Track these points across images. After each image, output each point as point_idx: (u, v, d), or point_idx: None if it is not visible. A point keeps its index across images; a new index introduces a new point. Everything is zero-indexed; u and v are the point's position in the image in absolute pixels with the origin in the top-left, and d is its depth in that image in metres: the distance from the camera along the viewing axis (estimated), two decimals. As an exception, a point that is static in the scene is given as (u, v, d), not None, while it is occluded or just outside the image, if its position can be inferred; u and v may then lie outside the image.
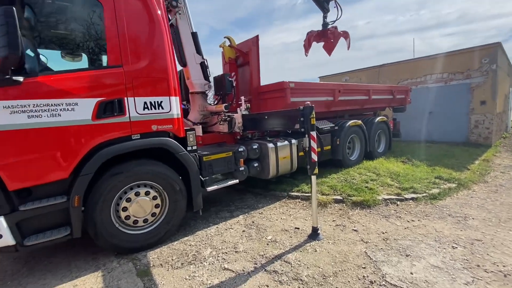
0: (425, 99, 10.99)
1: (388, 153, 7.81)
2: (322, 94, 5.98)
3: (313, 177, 3.31)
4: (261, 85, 5.54)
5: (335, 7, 6.79)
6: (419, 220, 3.80)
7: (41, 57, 3.00)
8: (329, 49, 7.25)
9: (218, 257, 3.05)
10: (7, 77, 2.36)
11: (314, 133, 3.26)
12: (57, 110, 2.63)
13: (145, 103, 3.14)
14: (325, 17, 6.98)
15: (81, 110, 2.75)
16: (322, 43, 7.27)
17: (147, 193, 3.22)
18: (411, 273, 2.59)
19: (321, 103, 5.89)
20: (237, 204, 4.77)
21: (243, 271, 2.76)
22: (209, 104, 5.21)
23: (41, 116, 2.56)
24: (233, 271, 2.77)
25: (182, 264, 2.95)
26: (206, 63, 4.85)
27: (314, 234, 3.39)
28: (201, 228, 3.83)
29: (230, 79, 4.93)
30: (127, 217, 3.14)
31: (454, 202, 4.45)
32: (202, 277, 2.70)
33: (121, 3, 2.98)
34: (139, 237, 3.22)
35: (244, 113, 4.58)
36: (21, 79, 2.45)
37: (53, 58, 3.20)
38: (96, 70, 2.97)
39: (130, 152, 3.06)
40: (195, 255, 3.11)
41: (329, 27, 6.99)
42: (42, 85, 2.57)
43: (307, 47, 7.19)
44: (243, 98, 4.71)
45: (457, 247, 3.04)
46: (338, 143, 6.07)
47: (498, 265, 2.68)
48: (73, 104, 2.71)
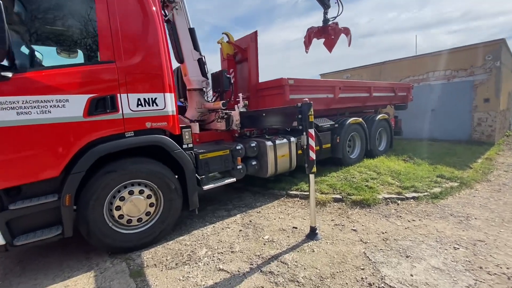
0: (427, 96, 10.84)
1: (389, 151, 7.71)
2: (322, 91, 5.88)
3: (311, 176, 3.24)
4: (259, 82, 5.45)
5: (336, 3, 6.70)
6: (420, 219, 3.71)
7: (35, 53, 2.94)
8: (329, 45, 7.16)
9: (213, 257, 2.98)
10: None
11: (312, 131, 3.18)
12: (47, 106, 2.56)
13: (139, 99, 3.07)
14: (325, 13, 6.88)
15: (72, 106, 2.68)
16: (322, 40, 7.17)
17: (141, 192, 3.16)
18: (411, 275, 2.51)
19: (321, 101, 5.79)
20: (235, 202, 4.70)
21: (238, 272, 2.70)
22: (207, 101, 5.13)
23: (30, 112, 2.49)
24: (228, 272, 2.70)
25: (176, 264, 2.89)
26: (203, 60, 4.78)
27: (312, 234, 3.32)
28: (197, 227, 3.77)
29: (228, 76, 4.86)
30: (121, 216, 3.08)
31: (456, 201, 4.36)
32: (196, 278, 2.64)
33: None
34: (133, 236, 3.15)
35: (242, 110, 4.50)
36: (9, 74, 2.38)
37: (47, 54, 3.13)
38: (87, 65, 2.89)
39: (124, 149, 2.99)
40: (190, 255, 3.05)
41: (330, 23, 6.90)
42: (31, 81, 2.51)
43: (307, 43, 7.08)
44: (241, 95, 4.62)
45: (459, 248, 2.95)
46: (338, 141, 5.99)
47: (501, 267, 2.60)
48: (64, 100, 2.64)
